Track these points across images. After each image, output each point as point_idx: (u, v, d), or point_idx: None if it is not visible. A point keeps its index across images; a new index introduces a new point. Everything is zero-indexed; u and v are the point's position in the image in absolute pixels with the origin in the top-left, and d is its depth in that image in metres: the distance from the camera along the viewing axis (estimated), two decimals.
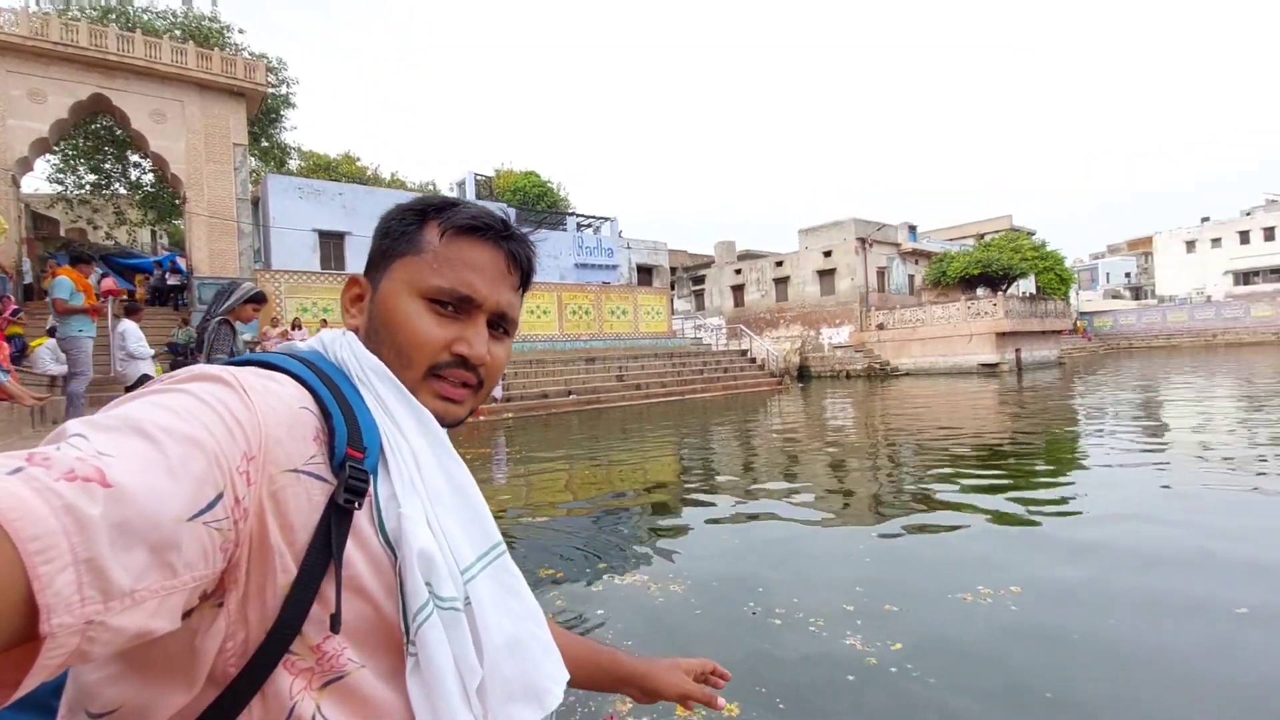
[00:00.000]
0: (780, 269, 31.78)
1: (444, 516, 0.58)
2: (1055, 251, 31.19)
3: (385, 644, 0.54)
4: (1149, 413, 10.98)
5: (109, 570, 0.36)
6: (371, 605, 0.53)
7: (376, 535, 0.54)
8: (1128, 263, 62.05)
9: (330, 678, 0.51)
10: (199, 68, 14.85)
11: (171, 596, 0.40)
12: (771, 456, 8.42)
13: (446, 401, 0.64)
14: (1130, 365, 25.25)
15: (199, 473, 0.42)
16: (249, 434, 0.47)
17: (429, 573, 0.54)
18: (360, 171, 28.84)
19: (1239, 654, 2.57)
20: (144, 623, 0.38)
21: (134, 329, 7.48)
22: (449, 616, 0.54)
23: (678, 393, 17.98)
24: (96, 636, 0.36)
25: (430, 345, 0.63)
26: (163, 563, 0.39)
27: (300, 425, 0.52)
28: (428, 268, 0.63)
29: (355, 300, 0.68)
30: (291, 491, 0.50)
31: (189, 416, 0.45)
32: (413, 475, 0.57)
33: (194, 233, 15.15)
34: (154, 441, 0.42)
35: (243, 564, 0.47)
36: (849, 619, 3.02)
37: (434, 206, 0.66)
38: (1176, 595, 3.18)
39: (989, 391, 16.24)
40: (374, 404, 0.59)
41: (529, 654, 0.60)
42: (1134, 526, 4.32)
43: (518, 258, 0.68)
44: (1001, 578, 3.41)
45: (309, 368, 0.57)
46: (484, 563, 0.59)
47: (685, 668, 0.93)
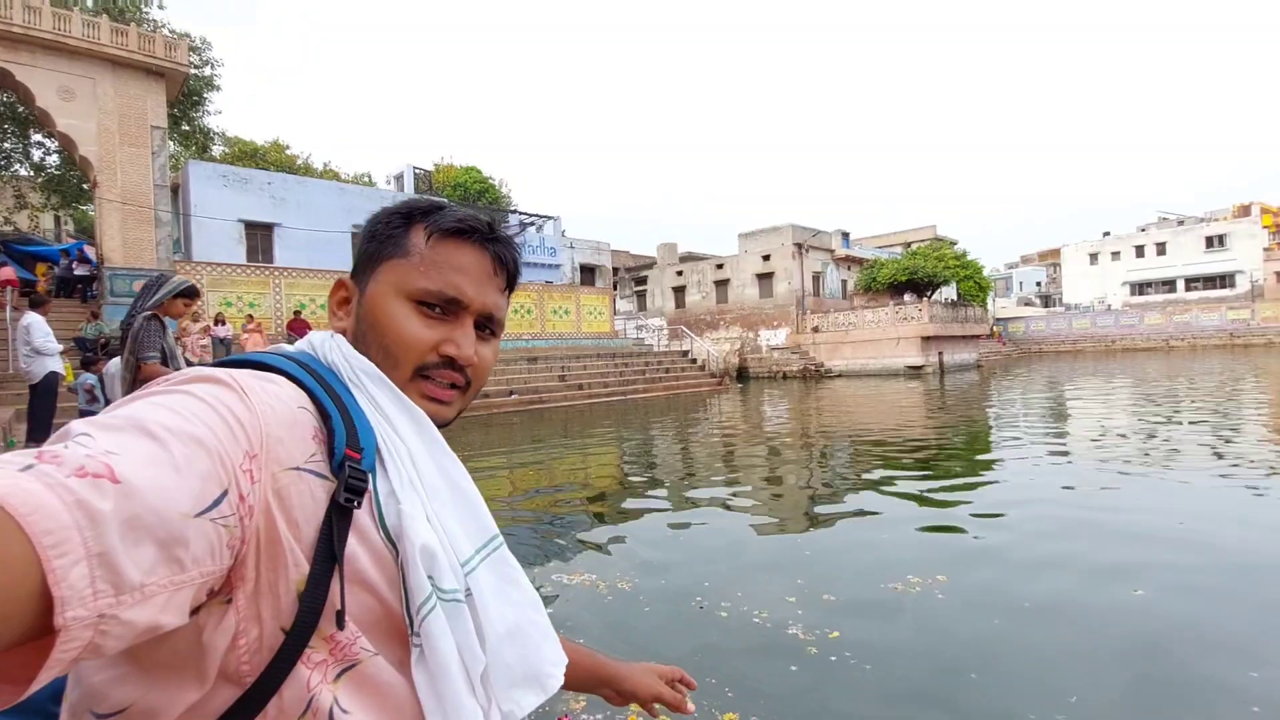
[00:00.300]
0: (721, 271, 32.37)
1: (442, 512, 0.59)
2: (975, 261, 33.06)
3: (392, 634, 0.55)
4: (1056, 411, 11.86)
5: (120, 564, 0.37)
6: (377, 598, 0.54)
7: (378, 531, 0.55)
8: (1039, 273, 66.28)
9: (345, 666, 0.52)
10: (113, 44, 13.81)
11: (180, 592, 0.41)
12: (713, 455, 8.63)
13: (434, 402, 0.65)
14: (1040, 368, 27.07)
15: (203, 471, 0.43)
16: (250, 433, 0.48)
17: (431, 566, 0.55)
18: (290, 160, 27.51)
19: (1138, 627, 2.87)
20: (154, 617, 0.39)
21: (40, 322, 6.97)
22: (451, 608, 0.56)
23: (620, 393, 18.07)
24: (109, 630, 0.37)
25: (418, 346, 0.64)
26: (171, 558, 0.40)
27: (299, 425, 0.53)
28: (415, 270, 0.64)
29: (342, 303, 0.69)
30: (295, 489, 0.51)
31: (191, 417, 0.46)
32: (410, 473, 0.59)
33: (105, 220, 14.11)
34: (158, 440, 0.42)
35: (250, 561, 0.48)
36: (791, 610, 3.19)
37: (420, 210, 0.67)
38: (1083, 578, 3.50)
39: (915, 392, 17.08)
40: (367, 405, 0.60)
41: (530, 640, 0.62)
42: (1045, 513, 4.73)
43: (503, 260, 0.70)
44: (929, 567, 3.66)
45: (303, 369, 0.58)
46: (483, 555, 0.61)
47: (658, 672, 0.97)
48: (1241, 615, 2.99)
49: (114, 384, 5.35)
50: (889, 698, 2.42)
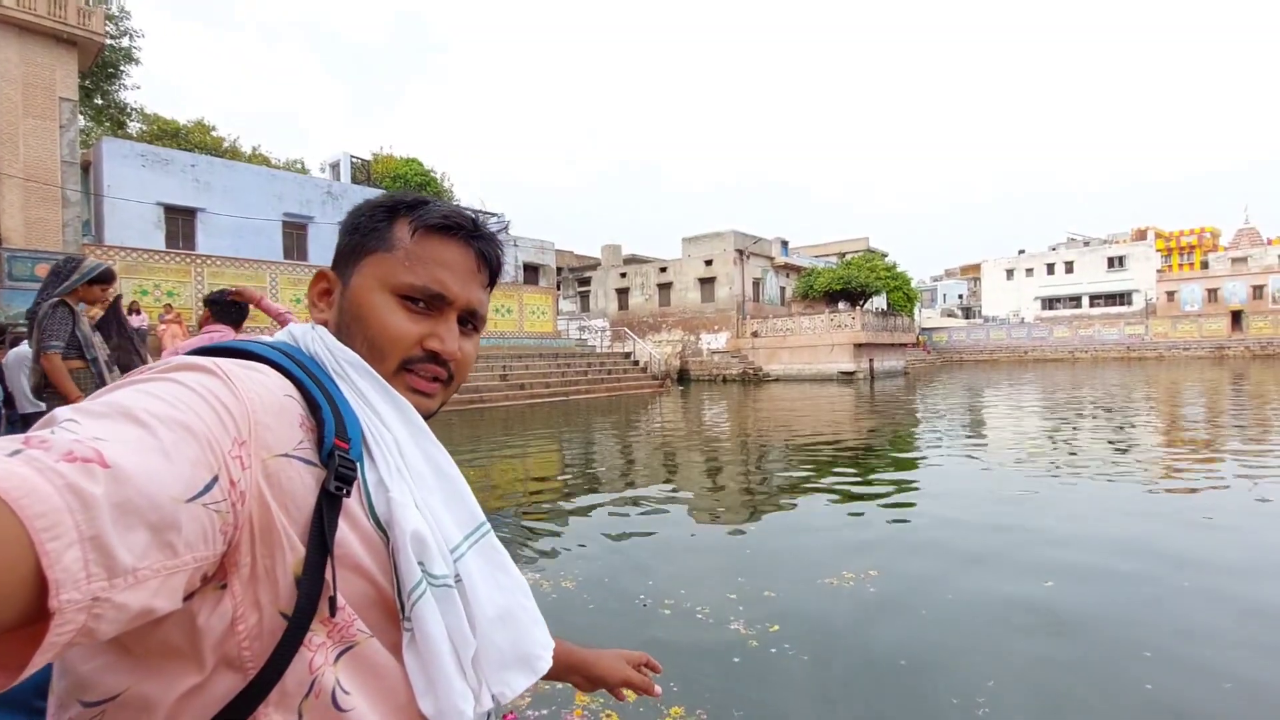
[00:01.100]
0: (664, 275, 32.67)
1: (430, 500, 0.60)
2: (904, 273, 34.67)
3: (386, 618, 0.56)
4: (976, 415, 12.59)
5: (113, 548, 0.37)
6: (370, 582, 0.55)
7: (368, 519, 0.56)
8: (961, 285, 69.97)
9: (344, 648, 0.53)
10: (19, 6, 12.77)
11: (174, 576, 0.41)
12: (654, 456, 8.72)
13: (418, 395, 0.66)
14: (961, 376, 28.61)
15: (193, 456, 0.43)
16: (238, 420, 0.48)
17: (422, 553, 0.56)
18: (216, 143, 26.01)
19: (1048, 616, 3.11)
20: (147, 601, 0.39)
21: None
22: (441, 593, 0.57)
23: (562, 393, 17.99)
24: (103, 613, 0.37)
25: (403, 340, 0.64)
26: (163, 542, 0.40)
27: (287, 412, 0.53)
28: (400, 265, 0.65)
29: (323, 294, 0.69)
30: (285, 475, 0.51)
31: (178, 403, 0.45)
32: (397, 462, 0.59)
33: (5, 198, 12.98)
34: (146, 427, 0.42)
35: (244, 546, 0.48)
36: (732, 606, 3.28)
37: (405, 204, 0.68)
38: (1002, 573, 3.75)
39: (848, 397, 17.74)
40: (352, 395, 0.61)
41: (519, 624, 0.63)
42: (968, 510, 5.04)
43: (487, 256, 0.71)
44: (862, 563, 3.84)
45: (289, 359, 0.59)
46: (471, 541, 0.62)
47: (625, 657, 0.98)
48: (1136, 601, 3.28)
49: (15, 374, 4.96)
50: (826, 685, 2.54)
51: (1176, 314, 44.79)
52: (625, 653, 0.99)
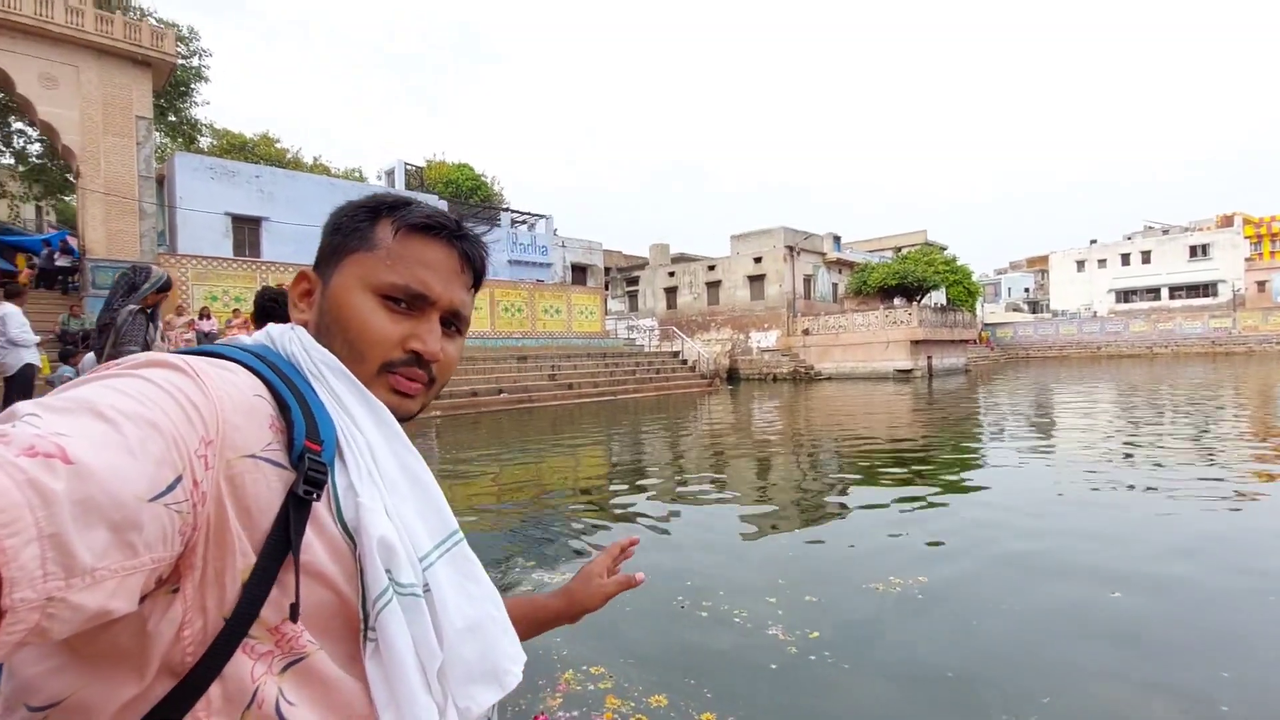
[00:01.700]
0: (712, 273, 32.41)
1: (401, 506, 0.58)
2: (964, 266, 33.28)
3: (344, 629, 0.54)
4: (1043, 416, 11.93)
5: (73, 546, 0.35)
6: (332, 591, 0.53)
7: (335, 524, 0.54)
8: (1027, 279, 66.87)
9: (291, 660, 0.51)
10: (98, 31, 13.62)
11: (131, 577, 0.40)
12: (700, 456, 8.62)
13: (399, 396, 0.65)
14: (1027, 373, 27.28)
15: (158, 455, 0.42)
16: (206, 419, 0.47)
17: (389, 560, 0.54)
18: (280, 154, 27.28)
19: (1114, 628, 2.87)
20: (103, 602, 0.38)
21: (16, 313, 6.85)
22: (409, 602, 0.55)
23: (610, 393, 18.04)
24: (56, 613, 0.36)
25: (384, 341, 0.63)
26: (123, 542, 0.39)
27: (256, 412, 0.52)
28: (381, 264, 0.64)
29: (304, 295, 0.68)
30: (250, 478, 0.49)
31: (145, 400, 0.44)
32: (369, 466, 0.58)
33: (88, 211, 13.91)
34: (111, 423, 0.41)
35: (199, 549, 0.46)
36: (771, 610, 3.17)
37: (387, 204, 0.67)
38: (1059, 583, 3.50)
39: (903, 396, 17.16)
40: (327, 397, 0.59)
41: (488, 636, 0.61)
42: (1028, 516, 4.73)
43: (471, 257, 0.69)
44: (910, 568, 3.65)
45: (259, 360, 0.57)
46: (442, 550, 0.60)
47: (597, 569, 0.95)
48: (1213, 618, 3.00)
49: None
50: (866, 696, 2.41)
51: (1268, 305, 41.62)
52: (593, 566, 0.96)
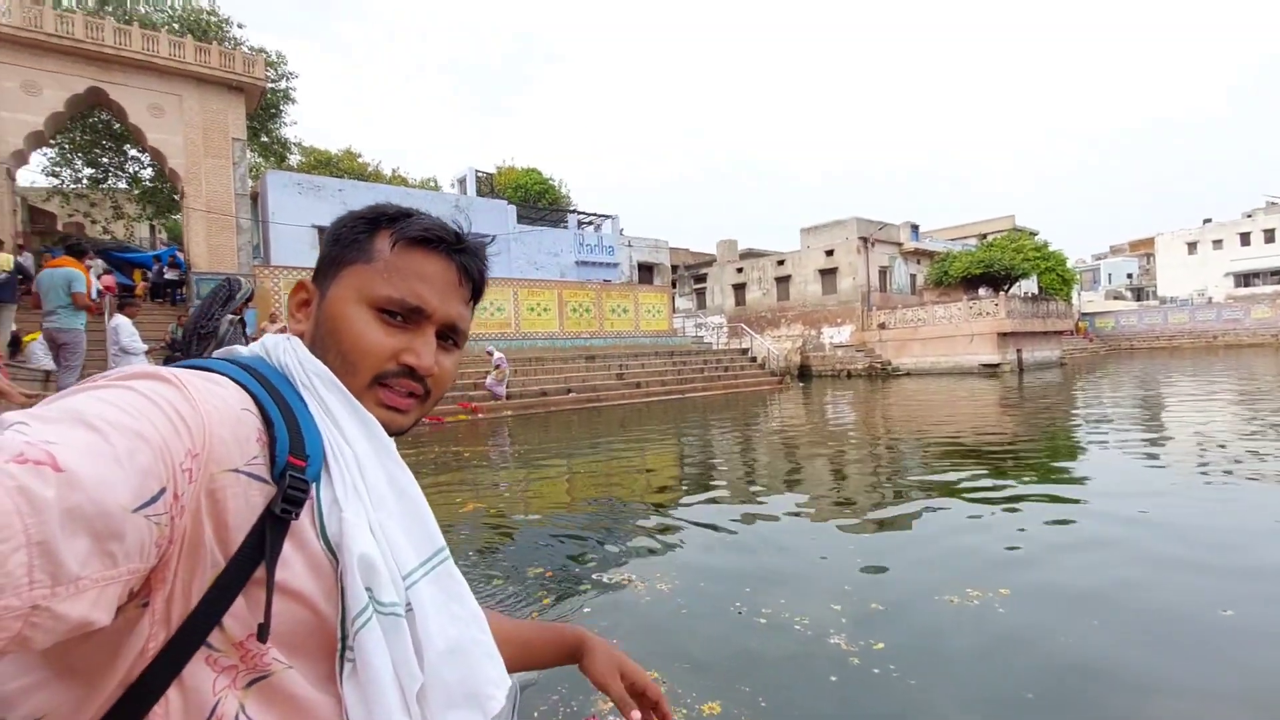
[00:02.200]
0: (782, 268, 31.72)
1: (387, 522, 0.57)
2: (1058, 252, 31.12)
3: (320, 648, 0.53)
4: (1149, 415, 10.93)
5: (60, 554, 0.35)
6: (308, 609, 0.52)
7: (318, 539, 0.53)
8: (1130, 264, 61.90)
9: (255, 676, 0.50)
10: (197, 61, 14.78)
11: (109, 588, 0.39)
12: (769, 456, 8.39)
13: (391, 410, 0.64)
14: (1131, 366, 25.18)
15: (144, 465, 0.42)
16: (193, 431, 0.47)
17: (370, 578, 0.53)
18: (361, 168, 28.79)
19: (1220, 657, 2.54)
20: (86, 612, 0.38)
21: (126, 324, 7.48)
22: (389, 622, 0.54)
23: (678, 391, 17.95)
24: (40, 622, 0.35)
25: (377, 354, 0.62)
26: (105, 552, 0.38)
27: (243, 426, 0.52)
28: (378, 277, 0.63)
29: (302, 305, 0.68)
30: (230, 492, 0.49)
31: (134, 411, 0.44)
32: (356, 481, 0.57)
33: (192, 228, 15.11)
34: (99, 432, 0.41)
35: (172, 562, 0.46)
36: (834, 618, 3.00)
37: (386, 216, 0.66)
38: (1164, 601, 3.15)
39: (990, 392, 16.19)
40: (317, 409, 0.59)
41: (471, 659, 0.60)
42: (1129, 531, 4.28)
43: (469, 270, 0.68)
44: (991, 580, 3.38)
45: (249, 373, 0.57)
46: (426, 568, 0.59)
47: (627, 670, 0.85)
48: None
49: None
50: (933, 715, 2.21)
51: None
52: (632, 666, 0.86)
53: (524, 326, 19.61)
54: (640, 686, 0.86)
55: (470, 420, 13.28)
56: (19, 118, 13.31)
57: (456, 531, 4.83)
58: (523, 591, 3.57)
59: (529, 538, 4.69)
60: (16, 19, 12.94)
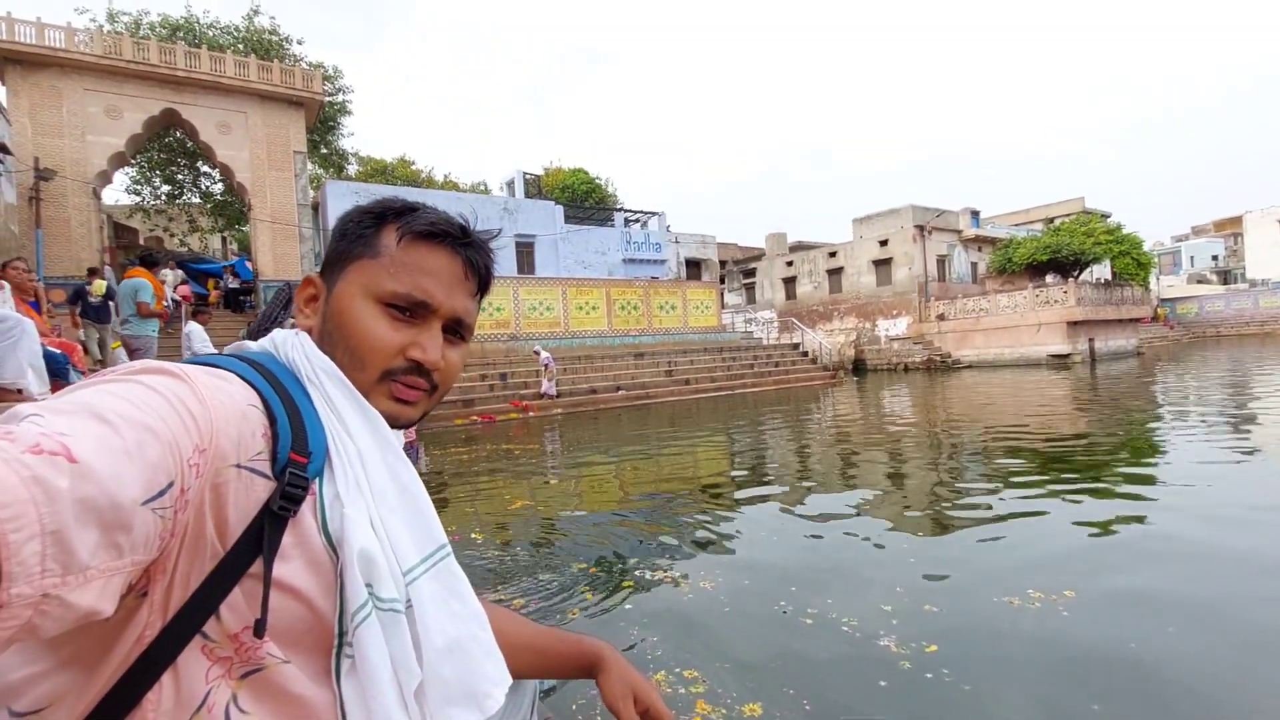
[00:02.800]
0: (833, 260, 31.00)
1: (389, 518, 0.58)
2: (1132, 234, 29.36)
3: (316, 644, 0.54)
4: (1236, 409, 10.16)
5: (72, 544, 0.36)
6: (305, 605, 0.53)
7: (320, 535, 0.54)
8: (1215, 245, 57.78)
9: (249, 669, 0.51)
10: (260, 79, 15.56)
11: (114, 579, 0.40)
12: (820, 453, 8.21)
13: (400, 403, 0.64)
14: (1218, 355, 23.49)
15: (154, 459, 0.42)
16: (201, 426, 0.47)
17: (370, 573, 0.54)
18: (415, 175, 29.67)
19: None
20: (93, 602, 0.38)
21: (199, 330, 7.90)
22: (388, 618, 0.54)
23: (727, 387, 17.79)
24: (49, 610, 0.36)
25: (384, 349, 0.63)
26: (112, 543, 0.39)
27: (249, 422, 0.52)
28: (384, 271, 0.64)
29: (310, 300, 0.68)
30: (233, 486, 0.50)
31: (144, 406, 0.45)
32: (358, 476, 0.57)
33: (258, 238, 15.91)
34: (111, 425, 0.41)
35: (173, 555, 0.47)
36: (884, 619, 2.89)
37: (393, 210, 0.67)
38: (1243, 606, 2.90)
39: (1060, 384, 15.40)
40: (322, 404, 0.59)
41: (470, 657, 0.59)
42: (1209, 535, 3.97)
43: (475, 265, 0.68)
44: (1055, 582, 3.19)
45: (256, 369, 0.57)
46: (427, 565, 0.59)
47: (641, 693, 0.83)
48: None
49: None
50: None
51: None
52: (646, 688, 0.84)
53: (573, 325, 19.80)
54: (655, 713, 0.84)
55: (521, 418, 13.50)
56: (104, 140, 14.32)
57: (506, 528, 4.91)
58: (566, 586, 3.58)
59: (576, 533, 4.72)
60: (98, 48, 13.90)
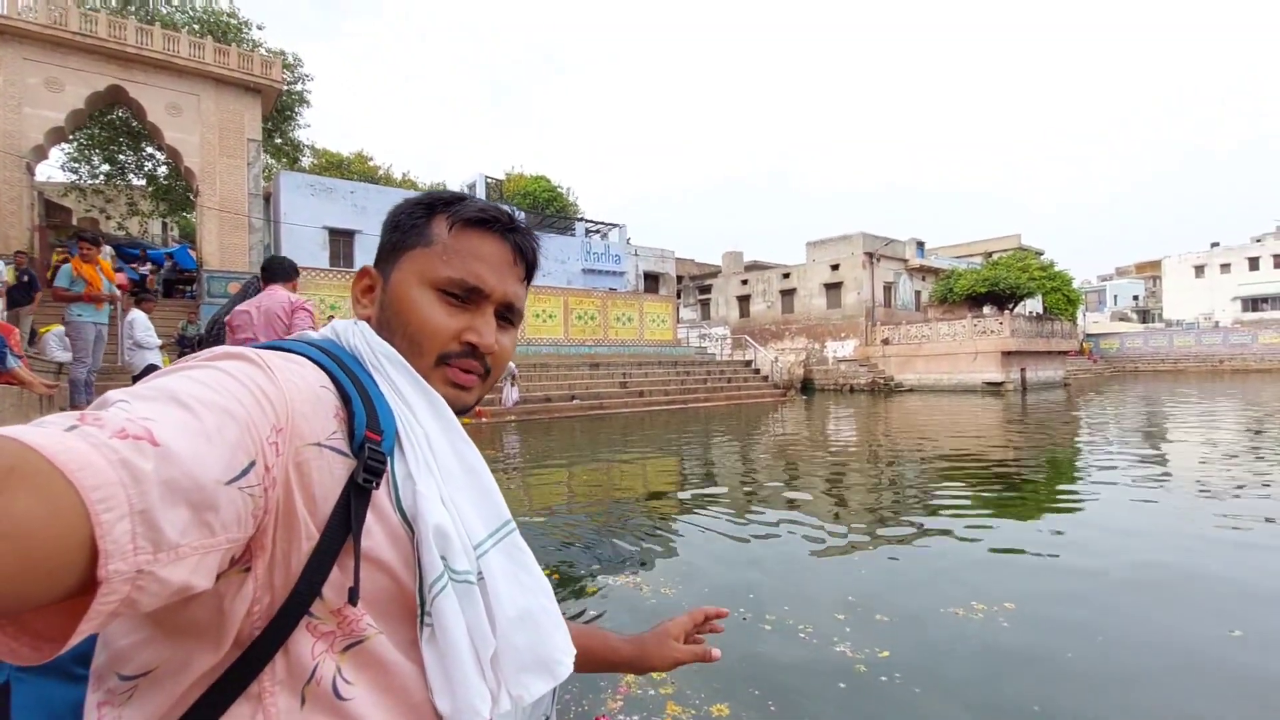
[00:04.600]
0: (787, 281, 31.79)
1: (457, 495, 0.60)
2: (1063, 272, 31.10)
3: (402, 614, 0.56)
4: (1151, 437, 10.92)
5: (160, 523, 0.38)
6: (390, 576, 0.55)
7: (395, 512, 0.56)
8: (1136, 286, 61.85)
9: (351, 641, 0.53)
10: (216, 63, 14.98)
11: (209, 555, 0.42)
12: (772, 467, 8.41)
13: (456, 388, 0.67)
14: (1136, 388, 25.13)
15: (233, 440, 0.45)
16: (277, 408, 0.50)
17: (444, 547, 0.56)
18: (372, 171, 29.01)
19: (1227, 674, 2.56)
20: (186, 578, 0.41)
21: (142, 318, 7.55)
22: (462, 589, 0.56)
23: (681, 401, 17.98)
24: (145, 586, 0.38)
25: (441, 334, 0.65)
26: (202, 522, 0.41)
27: (322, 402, 0.54)
28: (438, 259, 0.66)
29: (366, 291, 0.71)
30: (315, 464, 0.52)
31: (222, 390, 0.47)
32: (426, 456, 0.59)
33: (205, 226, 15.25)
34: (191, 410, 0.44)
35: (270, 531, 0.49)
36: (839, 627, 3.02)
37: (442, 200, 0.69)
38: (1169, 617, 3.17)
39: (994, 410, 16.18)
40: (387, 389, 0.61)
41: (540, 626, 0.61)
42: (1130, 548, 4.30)
43: (523, 250, 0.71)
44: (996, 594, 3.40)
45: (325, 354, 0.60)
46: (495, 539, 0.61)
47: (675, 631, 0.94)
48: None
49: None
50: None
51: None
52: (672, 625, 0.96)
53: (529, 332, 19.69)
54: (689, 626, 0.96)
55: (474, 425, 13.32)
56: (41, 114, 13.50)
57: None
58: None
59: (531, 538, 4.72)
60: (43, 17, 13.15)
